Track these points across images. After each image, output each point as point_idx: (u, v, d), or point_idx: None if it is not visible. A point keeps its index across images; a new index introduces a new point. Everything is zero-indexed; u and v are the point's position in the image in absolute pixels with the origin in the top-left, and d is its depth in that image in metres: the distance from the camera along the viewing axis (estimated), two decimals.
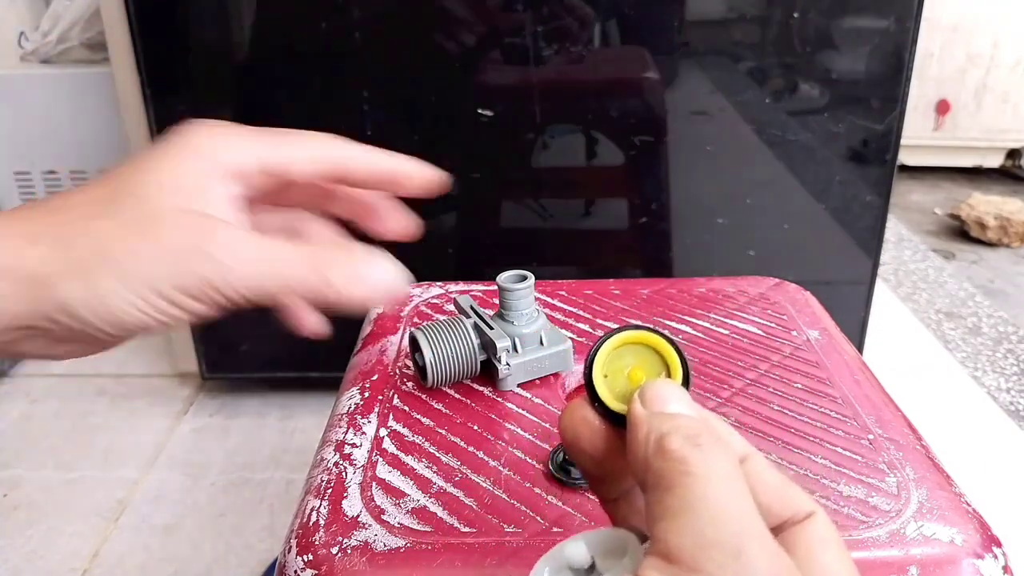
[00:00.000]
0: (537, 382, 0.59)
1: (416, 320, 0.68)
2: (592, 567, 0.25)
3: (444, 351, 0.57)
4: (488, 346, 0.58)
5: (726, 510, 0.22)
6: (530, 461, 0.50)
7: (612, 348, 0.29)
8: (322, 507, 0.47)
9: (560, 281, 0.75)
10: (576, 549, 0.25)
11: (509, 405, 0.56)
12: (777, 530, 0.25)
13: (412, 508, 0.46)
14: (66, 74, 1.49)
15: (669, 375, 0.29)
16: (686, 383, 0.29)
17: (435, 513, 0.46)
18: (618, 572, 0.25)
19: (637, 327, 0.30)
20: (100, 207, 0.32)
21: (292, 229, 0.38)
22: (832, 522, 0.25)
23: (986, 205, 2.21)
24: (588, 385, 0.29)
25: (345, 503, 0.47)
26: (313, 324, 0.37)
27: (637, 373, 0.29)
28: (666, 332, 0.29)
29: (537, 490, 0.48)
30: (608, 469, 0.28)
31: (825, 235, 1.19)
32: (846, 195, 1.16)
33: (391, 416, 0.55)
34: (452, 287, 0.74)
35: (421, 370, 0.58)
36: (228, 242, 0.32)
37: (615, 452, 0.28)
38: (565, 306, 0.71)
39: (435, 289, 0.74)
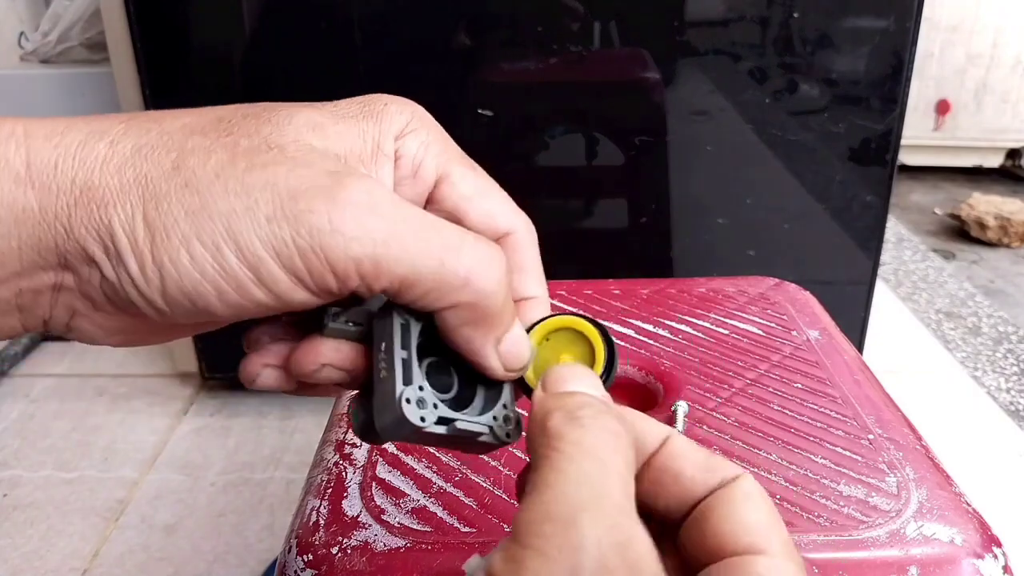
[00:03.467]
0: None
1: None
2: None
3: None
4: None
5: (578, 481, 0.21)
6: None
7: (542, 335, 0.29)
8: (322, 507, 0.47)
9: (560, 281, 0.75)
10: (472, 562, 0.25)
11: None
12: (707, 496, 0.25)
13: (412, 508, 0.46)
14: (66, 74, 1.49)
15: (594, 354, 0.29)
16: (609, 369, 0.28)
17: (435, 513, 0.46)
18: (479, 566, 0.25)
19: (563, 313, 0.30)
20: (209, 124, 0.25)
21: None
22: (758, 484, 0.25)
23: (986, 205, 2.21)
24: (522, 385, 0.29)
25: (345, 503, 0.47)
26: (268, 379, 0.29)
27: (564, 358, 0.29)
28: (595, 319, 0.29)
29: None
30: None
31: (825, 235, 1.19)
32: (846, 195, 1.16)
33: None
34: None
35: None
36: (368, 194, 0.24)
37: None
38: (565, 306, 0.71)
39: None
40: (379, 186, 0.24)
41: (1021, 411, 1.37)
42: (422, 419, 0.25)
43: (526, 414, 0.27)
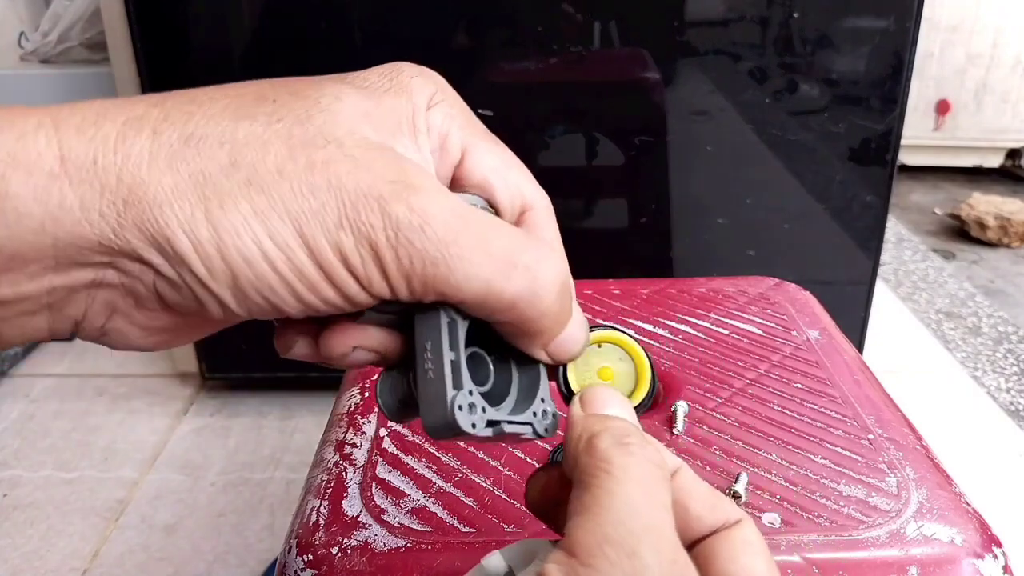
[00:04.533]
0: None
1: None
2: (510, 573, 0.26)
3: None
4: None
5: (632, 510, 0.22)
6: (530, 461, 0.50)
7: (595, 340, 0.30)
8: (322, 507, 0.47)
9: None
10: (493, 560, 0.26)
11: None
12: (708, 536, 0.26)
13: (412, 508, 0.46)
14: (66, 74, 1.49)
15: (637, 376, 0.30)
16: (652, 391, 0.30)
17: (435, 513, 0.46)
18: (528, 572, 0.26)
19: (623, 329, 0.30)
20: (252, 106, 0.24)
21: None
22: (758, 530, 0.26)
23: (986, 205, 2.21)
24: (562, 384, 0.30)
25: (345, 503, 0.47)
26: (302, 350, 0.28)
27: (606, 372, 0.30)
28: (647, 350, 0.30)
29: None
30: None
31: (825, 235, 1.19)
32: (846, 195, 1.16)
33: None
34: None
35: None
36: (422, 213, 0.23)
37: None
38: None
39: None
40: (434, 197, 0.24)
41: (1021, 411, 1.37)
42: (473, 425, 0.25)
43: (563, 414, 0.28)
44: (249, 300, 0.23)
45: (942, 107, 2.48)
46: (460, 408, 0.25)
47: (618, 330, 0.31)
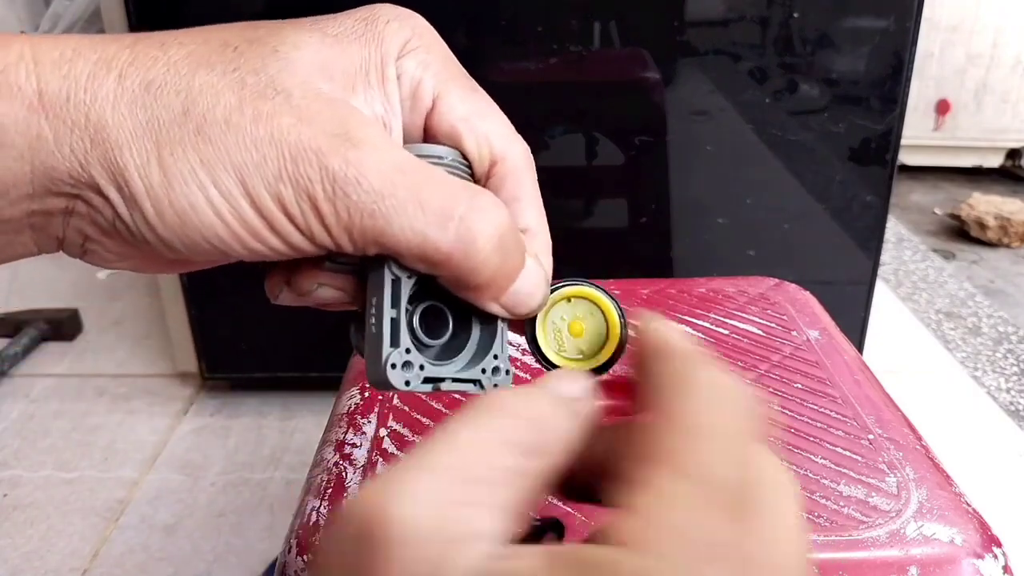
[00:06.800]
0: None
1: None
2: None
3: None
4: None
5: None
6: None
7: (567, 295, 0.30)
8: (322, 507, 0.47)
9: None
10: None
11: None
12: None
13: None
14: None
15: (608, 331, 0.30)
16: (622, 346, 0.30)
17: None
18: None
19: (597, 284, 0.30)
20: (214, 54, 0.25)
21: None
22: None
23: (986, 205, 2.21)
24: (530, 339, 0.29)
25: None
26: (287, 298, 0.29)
27: (576, 326, 0.30)
28: (621, 306, 0.30)
29: None
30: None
31: (825, 235, 1.19)
32: (846, 195, 1.16)
33: (391, 416, 0.55)
34: None
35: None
36: (358, 165, 0.24)
37: None
38: None
39: None
40: (374, 150, 0.24)
41: (1021, 411, 1.37)
42: (407, 382, 0.26)
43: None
44: (197, 245, 0.24)
45: (942, 107, 2.48)
46: (394, 366, 0.26)
47: (588, 284, 0.30)
